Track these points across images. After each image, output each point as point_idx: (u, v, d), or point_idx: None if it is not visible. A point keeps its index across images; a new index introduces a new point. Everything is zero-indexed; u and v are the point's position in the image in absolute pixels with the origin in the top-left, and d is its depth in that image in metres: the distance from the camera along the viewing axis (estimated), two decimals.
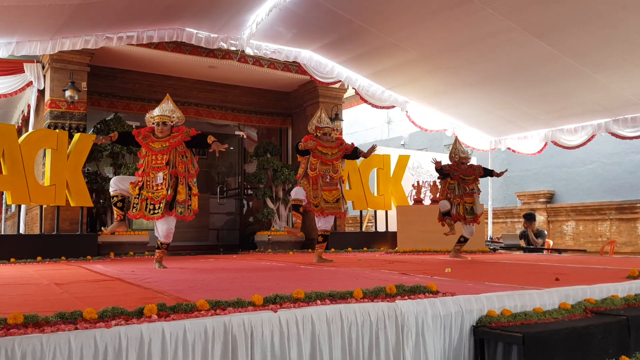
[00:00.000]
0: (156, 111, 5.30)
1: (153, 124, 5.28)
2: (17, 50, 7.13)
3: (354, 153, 6.41)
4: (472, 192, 6.91)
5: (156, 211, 5.10)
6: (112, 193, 5.42)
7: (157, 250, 5.47)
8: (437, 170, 6.98)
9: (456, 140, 7.29)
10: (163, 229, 5.25)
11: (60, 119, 7.93)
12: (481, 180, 7.05)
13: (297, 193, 6.18)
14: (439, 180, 7.32)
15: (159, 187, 5.13)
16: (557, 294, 3.10)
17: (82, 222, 7.80)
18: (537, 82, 8.03)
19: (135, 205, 5.14)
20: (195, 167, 5.40)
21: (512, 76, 8.10)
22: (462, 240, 6.97)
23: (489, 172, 7.25)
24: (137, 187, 5.19)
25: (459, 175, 6.90)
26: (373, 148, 6.40)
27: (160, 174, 5.14)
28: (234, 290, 3.17)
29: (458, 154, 7.04)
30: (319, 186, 6.14)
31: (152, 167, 5.17)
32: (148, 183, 5.17)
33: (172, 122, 5.30)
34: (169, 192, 5.09)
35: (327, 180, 6.17)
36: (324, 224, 6.28)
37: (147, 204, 5.13)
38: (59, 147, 7.49)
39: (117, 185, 5.35)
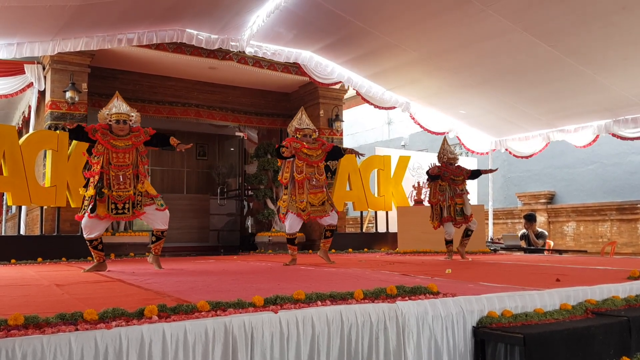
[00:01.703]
0: (113, 109, 5.20)
1: (110, 121, 5.16)
2: (18, 51, 7.13)
3: (336, 152, 6.36)
4: (461, 192, 6.87)
5: (122, 211, 5.05)
6: (92, 237, 5.11)
7: (158, 242, 5.41)
8: (429, 174, 6.95)
9: (444, 140, 7.24)
10: (162, 217, 5.29)
11: (60, 120, 7.93)
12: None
13: (292, 226, 6.13)
14: (428, 182, 7.29)
15: (122, 187, 5.06)
16: (557, 294, 3.10)
17: None
18: (538, 82, 8.03)
19: (95, 205, 5.00)
20: (147, 168, 5.38)
21: (512, 77, 8.10)
22: (469, 234, 6.93)
23: (477, 173, 7.22)
24: (91, 186, 5.03)
25: (450, 176, 6.87)
26: (356, 153, 6.43)
27: (124, 173, 5.09)
28: (234, 291, 3.17)
29: (447, 154, 7.01)
30: (305, 189, 6.06)
31: (115, 165, 5.08)
32: (109, 181, 5.05)
33: (131, 121, 5.24)
34: (133, 191, 5.09)
35: (314, 182, 6.10)
36: (330, 219, 6.23)
37: (108, 203, 5.02)
38: (59, 148, 7.50)
39: (95, 226, 5.10)
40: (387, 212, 10.22)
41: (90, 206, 5.00)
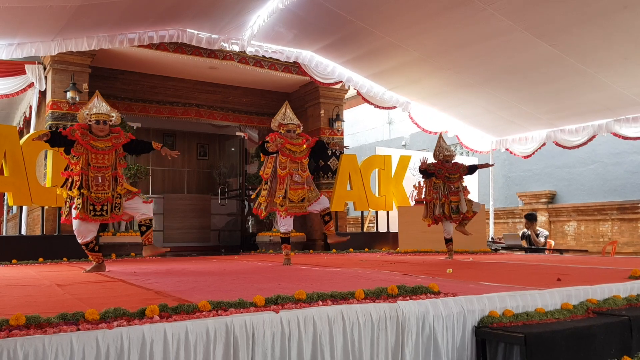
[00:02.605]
0: (93, 109, 5.12)
1: (90, 121, 5.08)
2: (19, 51, 7.14)
3: (321, 147, 6.24)
4: (457, 190, 6.79)
5: (100, 213, 4.99)
6: (87, 241, 5.11)
7: (148, 232, 5.29)
8: (421, 170, 6.90)
9: (440, 137, 7.17)
10: (146, 206, 5.25)
11: (61, 120, 7.93)
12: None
13: (287, 226, 6.06)
14: (423, 180, 7.25)
15: (100, 188, 5.00)
16: (558, 294, 3.10)
17: None
18: (539, 82, 8.03)
19: (78, 206, 4.95)
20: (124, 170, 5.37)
21: (513, 76, 8.10)
22: (470, 216, 6.84)
23: (473, 168, 7.15)
24: (75, 188, 4.96)
25: (444, 174, 6.81)
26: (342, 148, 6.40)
27: (103, 175, 5.02)
28: (235, 291, 3.18)
29: (442, 151, 6.94)
30: (286, 185, 5.96)
31: (94, 166, 5.01)
32: (87, 182, 4.99)
33: (111, 121, 5.16)
34: (112, 194, 5.05)
35: (296, 179, 5.99)
36: (320, 205, 6.05)
37: (86, 205, 4.96)
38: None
39: (86, 230, 5.09)
40: (388, 211, 10.23)
41: (75, 208, 4.96)
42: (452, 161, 6.98)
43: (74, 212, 5.00)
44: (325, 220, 6.23)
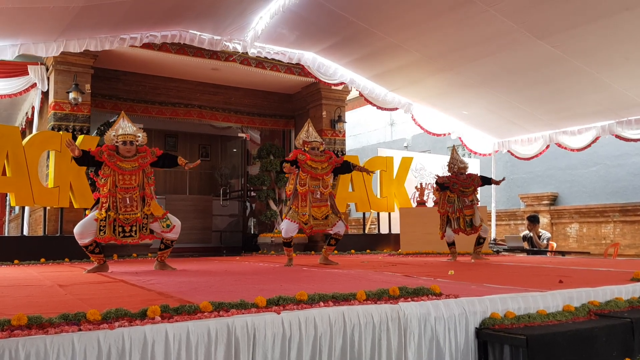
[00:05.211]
0: (119, 130, 5.15)
1: (117, 143, 5.12)
2: (22, 52, 7.15)
3: (345, 166, 6.29)
4: (471, 203, 6.83)
5: (129, 234, 5.03)
6: (86, 243, 5.04)
7: (166, 250, 5.43)
8: (437, 184, 6.97)
9: (454, 150, 7.23)
10: (173, 234, 5.29)
11: (64, 120, 7.95)
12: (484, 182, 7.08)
13: (287, 231, 6.04)
14: (436, 191, 7.29)
15: (128, 209, 5.03)
16: (560, 296, 3.10)
17: None
18: (540, 83, 8.03)
19: (102, 228, 4.96)
20: (154, 189, 5.33)
21: (515, 77, 8.10)
22: (482, 242, 6.92)
23: (487, 181, 7.20)
24: (103, 209, 4.98)
25: (459, 188, 6.81)
26: (368, 171, 6.44)
27: (130, 196, 5.04)
28: (237, 292, 3.18)
29: (457, 164, 6.97)
30: (308, 202, 5.96)
31: (122, 187, 5.03)
32: (115, 204, 5.01)
33: (137, 141, 5.19)
34: (140, 214, 5.07)
35: (317, 196, 6.00)
36: (337, 228, 6.11)
37: (115, 226, 5.00)
38: (62, 149, 7.51)
39: (87, 232, 5.02)
40: (390, 213, 10.22)
41: (102, 230, 4.99)
42: (466, 173, 7.00)
43: (100, 234, 5.00)
44: (330, 243, 6.29)
